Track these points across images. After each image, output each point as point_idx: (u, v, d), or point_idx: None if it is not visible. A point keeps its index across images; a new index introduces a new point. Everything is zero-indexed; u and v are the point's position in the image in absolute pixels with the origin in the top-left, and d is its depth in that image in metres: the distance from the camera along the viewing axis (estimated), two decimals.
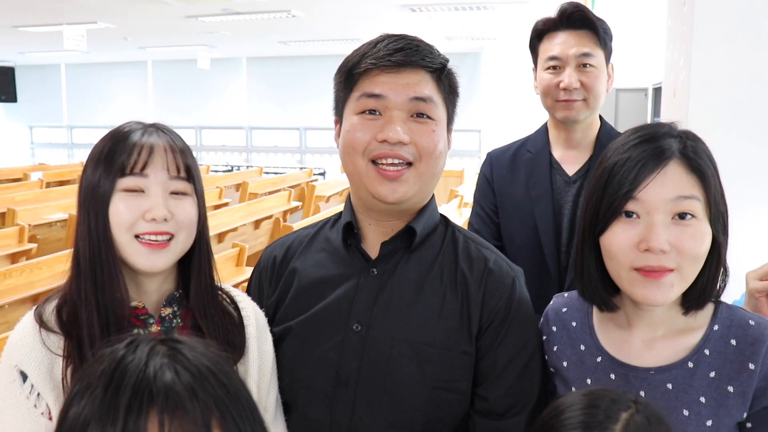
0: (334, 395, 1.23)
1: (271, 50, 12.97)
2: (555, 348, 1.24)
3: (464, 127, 11.34)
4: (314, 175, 10.83)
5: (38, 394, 1.12)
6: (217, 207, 6.49)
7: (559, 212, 1.91)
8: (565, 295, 1.29)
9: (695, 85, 2.85)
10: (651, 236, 1.04)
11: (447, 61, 1.29)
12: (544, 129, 2.03)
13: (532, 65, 2.00)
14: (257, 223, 6.26)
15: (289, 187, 8.15)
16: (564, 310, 1.26)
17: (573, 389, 1.18)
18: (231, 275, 4.30)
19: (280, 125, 14.24)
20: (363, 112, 1.25)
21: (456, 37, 11.17)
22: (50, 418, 1.12)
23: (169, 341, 0.77)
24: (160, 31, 10.07)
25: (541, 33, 1.95)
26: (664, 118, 3.49)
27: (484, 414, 1.24)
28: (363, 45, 1.28)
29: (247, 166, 13.84)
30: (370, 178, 1.24)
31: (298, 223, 5.42)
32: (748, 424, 1.08)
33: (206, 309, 1.22)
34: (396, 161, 1.22)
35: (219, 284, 1.29)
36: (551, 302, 1.31)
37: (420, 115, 1.24)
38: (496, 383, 1.24)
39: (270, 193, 7.85)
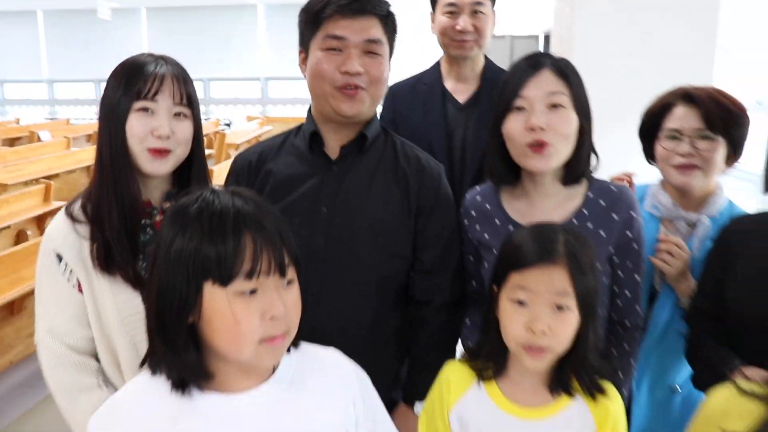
0: (306, 267, 1.57)
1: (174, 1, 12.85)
2: (477, 226, 1.67)
3: None
4: (221, 125, 10.92)
5: (71, 271, 1.46)
6: None
7: (452, 134, 2.24)
8: (477, 188, 1.71)
9: (578, 32, 3.35)
10: (532, 118, 1.48)
11: (390, 5, 1.66)
12: (438, 65, 2.35)
13: (431, 9, 2.37)
14: None
15: None
16: (478, 198, 1.68)
17: (494, 251, 1.57)
18: None
19: None
20: (327, 49, 1.56)
21: None
22: (80, 290, 1.46)
23: (229, 191, 1.09)
24: None
25: None
26: None
27: (420, 272, 1.69)
28: None
29: None
30: (334, 98, 1.56)
31: (215, 167, 5.67)
32: (615, 258, 1.54)
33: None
34: (353, 86, 1.60)
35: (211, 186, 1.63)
36: (465, 196, 1.73)
37: (371, 52, 1.57)
38: (430, 249, 1.68)
39: None
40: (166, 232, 1.04)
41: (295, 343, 1.14)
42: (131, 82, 1.43)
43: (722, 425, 1.01)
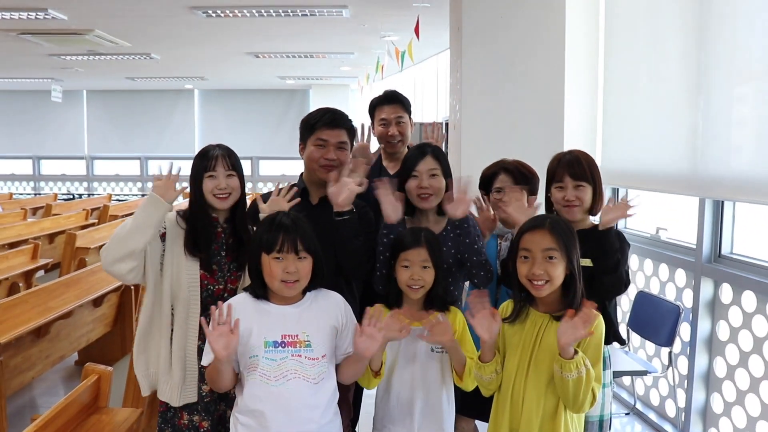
0: None
1: (115, 84, 13.77)
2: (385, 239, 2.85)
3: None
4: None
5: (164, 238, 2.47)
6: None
7: None
8: None
9: (465, 122, 4.73)
10: (422, 182, 2.61)
11: (352, 121, 2.81)
12: (380, 153, 3.49)
13: (371, 121, 3.49)
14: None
15: None
16: None
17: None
18: None
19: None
20: (317, 145, 2.63)
21: (288, 77, 12.80)
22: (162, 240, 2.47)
23: (285, 213, 2.25)
24: (17, 64, 10.54)
25: (374, 105, 3.47)
26: (451, 142, 5.33)
27: None
28: (317, 112, 2.70)
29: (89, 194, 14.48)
30: (319, 172, 2.61)
31: None
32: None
33: (243, 223, 2.52)
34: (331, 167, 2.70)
35: None
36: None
37: (341, 148, 2.66)
38: None
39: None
40: (257, 227, 2.22)
41: (315, 287, 2.21)
42: (203, 160, 2.49)
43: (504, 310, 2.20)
